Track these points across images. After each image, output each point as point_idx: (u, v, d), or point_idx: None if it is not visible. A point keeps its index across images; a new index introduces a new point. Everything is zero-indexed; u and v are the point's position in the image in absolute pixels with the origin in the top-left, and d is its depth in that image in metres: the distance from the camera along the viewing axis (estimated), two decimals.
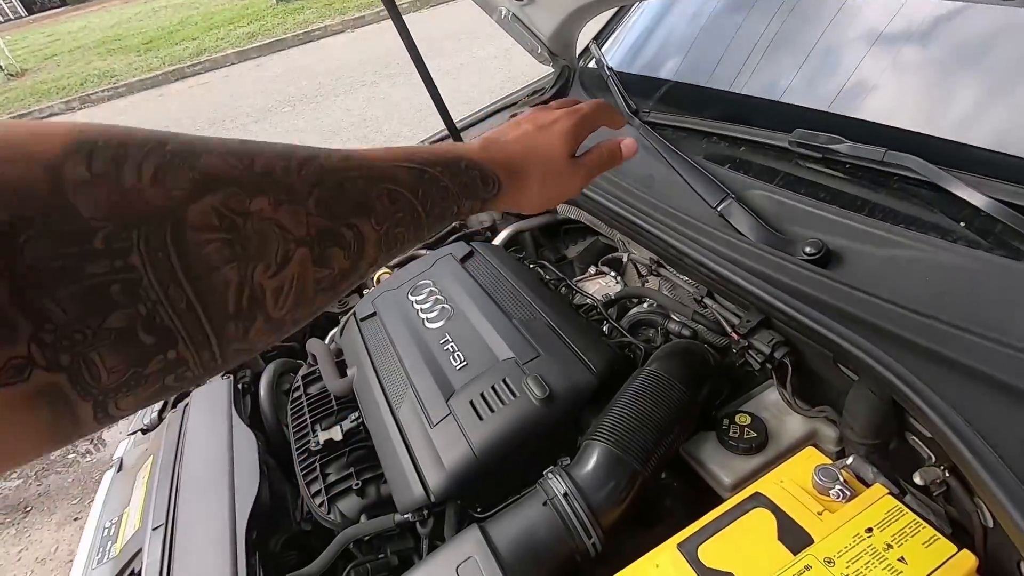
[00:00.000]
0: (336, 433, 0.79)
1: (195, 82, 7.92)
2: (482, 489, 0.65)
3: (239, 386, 0.98)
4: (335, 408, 0.86)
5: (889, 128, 0.69)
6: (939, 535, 0.48)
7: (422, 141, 1.42)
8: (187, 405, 0.95)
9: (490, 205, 0.46)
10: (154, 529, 0.75)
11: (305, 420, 0.85)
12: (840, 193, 0.70)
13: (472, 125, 1.39)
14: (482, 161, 0.44)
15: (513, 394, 0.67)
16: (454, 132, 1.13)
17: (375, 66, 6.10)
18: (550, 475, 0.59)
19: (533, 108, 0.53)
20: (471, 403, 0.68)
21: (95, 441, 2.16)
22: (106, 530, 0.84)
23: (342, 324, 1.05)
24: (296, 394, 0.92)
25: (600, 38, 1.38)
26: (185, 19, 11.60)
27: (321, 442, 0.79)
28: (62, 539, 1.81)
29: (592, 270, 1.04)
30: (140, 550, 0.74)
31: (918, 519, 0.49)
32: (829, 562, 0.48)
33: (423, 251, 1.15)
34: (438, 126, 1.42)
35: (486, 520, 0.58)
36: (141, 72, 8.55)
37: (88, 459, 2.10)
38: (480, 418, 0.66)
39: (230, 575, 0.65)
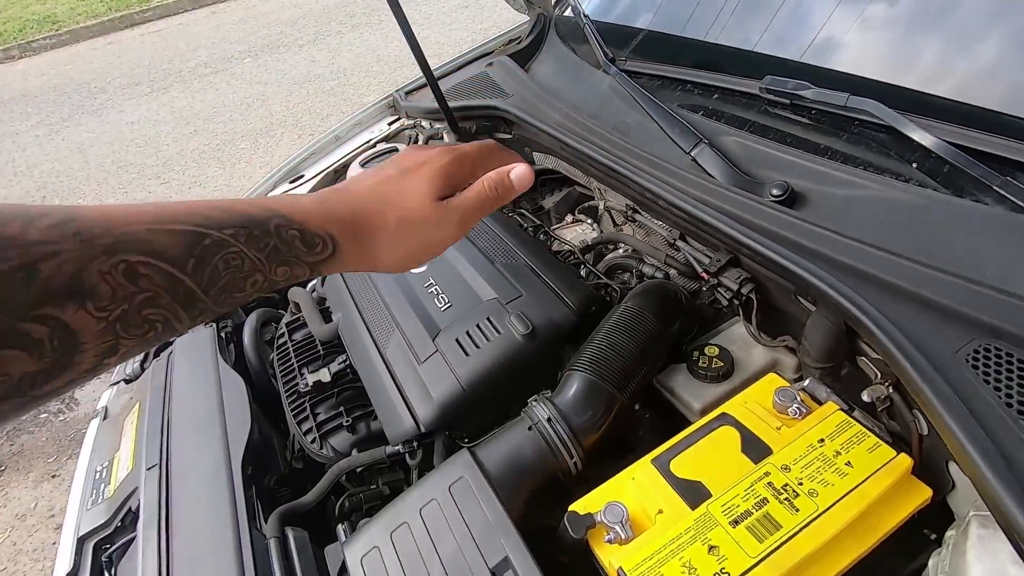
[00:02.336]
0: (324, 375, 0.82)
1: (146, 29, 7.45)
2: (468, 420, 0.69)
3: (222, 335, 0.99)
4: (321, 352, 0.89)
5: (853, 76, 0.72)
6: (881, 442, 0.54)
7: (398, 90, 1.40)
8: (171, 353, 0.95)
9: (324, 268, 0.39)
10: (148, 469, 0.77)
11: (292, 364, 0.87)
12: (805, 138, 0.73)
13: (449, 74, 1.38)
14: (308, 219, 0.37)
15: (497, 331, 0.71)
16: (429, 77, 1.12)
17: (340, 15, 5.83)
18: (534, 402, 0.63)
19: (406, 149, 0.46)
20: (457, 340, 0.71)
21: (67, 401, 2.14)
22: (97, 474, 0.85)
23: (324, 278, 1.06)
24: (281, 340, 0.93)
25: None
26: None
27: (310, 384, 0.81)
28: (41, 496, 1.81)
29: (569, 218, 1.07)
30: (136, 489, 0.76)
31: (863, 429, 0.55)
32: (786, 468, 0.54)
33: None
34: (407, 79, 1.40)
35: (475, 446, 0.62)
36: (85, 18, 7.99)
37: (61, 418, 2.08)
38: (466, 354, 0.70)
39: (228, 508, 0.68)
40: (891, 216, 0.61)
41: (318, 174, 1.32)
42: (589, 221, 1.03)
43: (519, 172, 0.46)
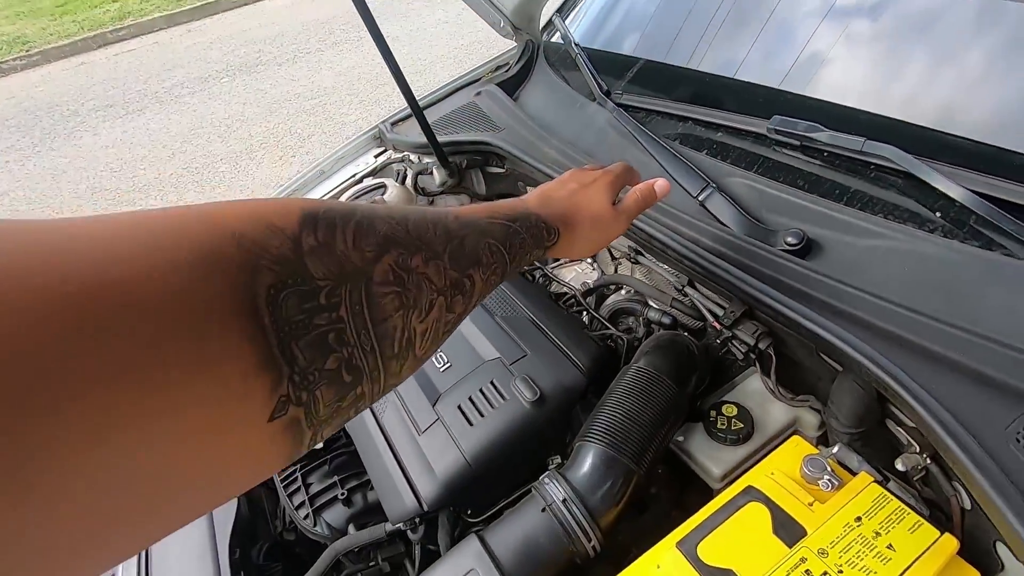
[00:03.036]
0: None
1: (120, 49, 7.33)
2: (474, 494, 0.64)
3: None
4: None
5: (868, 115, 0.70)
6: (923, 520, 0.50)
7: (383, 122, 1.35)
8: None
9: (550, 252, 0.53)
10: None
11: None
12: (819, 181, 0.70)
13: (436, 103, 1.33)
14: (544, 215, 0.51)
15: (503, 397, 0.66)
16: (417, 111, 1.08)
17: (318, 32, 5.78)
18: (547, 480, 0.59)
19: (572, 171, 0.61)
20: (459, 407, 0.67)
21: None
22: None
23: None
24: None
25: (564, 10, 1.34)
26: None
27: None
28: None
29: (566, 260, 1.03)
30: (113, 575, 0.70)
31: (903, 506, 0.52)
32: (823, 553, 0.50)
33: None
34: (389, 98, 1.36)
35: (483, 529, 0.58)
36: (57, 38, 7.84)
37: None
38: (470, 423, 0.65)
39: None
40: (916, 270, 0.58)
41: None
42: (587, 261, 0.99)
43: (660, 184, 0.63)
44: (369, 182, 1.24)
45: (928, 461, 0.54)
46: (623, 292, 0.89)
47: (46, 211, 3.63)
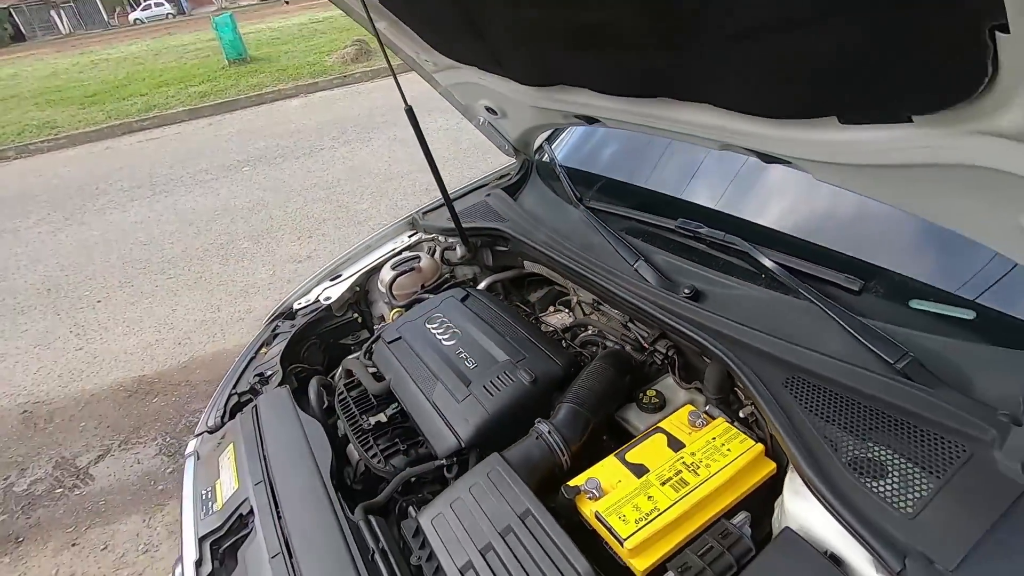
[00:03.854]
0: (383, 417, 1.14)
1: (144, 136, 8.01)
2: (492, 439, 1.02)
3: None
4: (374, 403, 1.21)
5: (730, 217, 1.17)
6: (748, 438, 0.91)
7: (416, 211, 1.82)
8: (255, 407, 1.26)
9: None
10: (256, 484, 1.06)
11: (353, 411, 1.20)
12: (703, 256, 1.16)
13: (457, 199, 1.81)
14: None
15: (511, 380, 1.07)
16: (449, 203, 1.53)
17: (331, 132, 6.50)
18: (538, 422, 0.98)
19: None
20: (484, 387, 1.07)
21: (82, 476, 2.30)
22: (204, 495, 1.13)
23: (365, 349, 1.40)
24: (342, 396, 1.26)
25: (551, 139, 1.87)
26: (131, 75, 11.67)
27: (372, 423, 1.13)
28: (61, 563, 1.94)
29: (551, 309, 1.47)
30: (246, 499, 1.05)
31: (737, 431, 0.92)
32: (692, 454, 0.89)
33: (426, 295, 1.53)
34: (396, 192, 1.76)
35: (500, 452, 0.96)
36: (84, 125, 8.54)
37: (76, 492, 2.23)
38: (491, 395, 1.05)
39: (326, 503, 0.98)
40: (751, 306, 1.03)
41: (354, 273, 1.70)
42: (566, 311, 1.43)
43: None
44: (407, 254, 1.69)
45: (752, 409, 0.95)
46: (590, 330, 1.32)
47: (79, 277, 3.99)
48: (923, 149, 0.64)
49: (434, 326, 1.28)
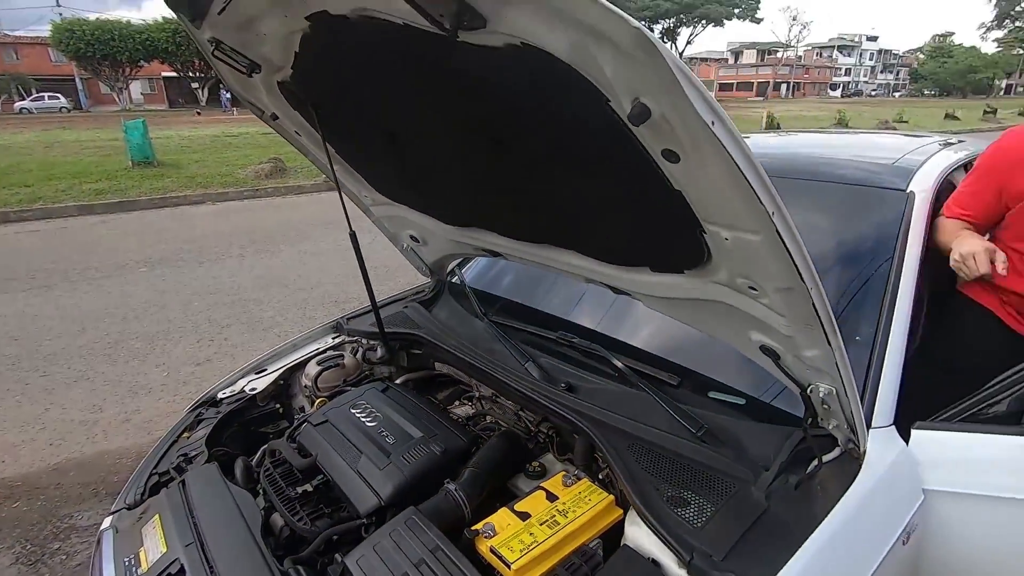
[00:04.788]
0: (308, 487, 1.32)
1: (23, 228, 7.55)
2: (408, 500, 1.25)
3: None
4: (300, 477, 1.39)
5: (595, 332, 1.58)
6: (604, 492, 1.22)
7: (342, 317, 2.08)
8: (182, 481, 1.38)
9: None
10: (186, 545, 1.18)
11: (280, 484, 1.36)
12: (576, 360, 1.54)
13: (361, 314, 2.10)
14: None
15: (425, 450, 1.32)
16: (375, 310, 1.82)
17: (241, 240, 6.59)
18: (447, 482, 1.23)
19: None
20: (402, 456, 1.31)
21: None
22: (127, 562, 1.21)
23: (288, 433, 1.57)
24: (268, 471, 1.41)
25: (462, 264, 2.27)
26: (15, 164, 11.07)
27: (299, 491, 1.31)
28: None
29: (457, 403, 1.75)
30: (176, 559, 1.15)
31: (597, 488, 1.23)
32: (564, 504, 1.19)
33: (348, 388, 1.75)
34: (307, 300, 1.98)
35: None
36: None
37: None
38: (408, 463, 1.29)
39: (258, 556, 1.13)
40: (608, 395, 1.40)
41: (279, 368, 1.88)
42: (469, 403, 1.72)
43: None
44: (331, 353, 1.92)
45: (608, 471, 1.28)
46: (488, 418, 1.61)
47: None
48: (692, 289, 1.08)
49: (357, 411, 1.52)
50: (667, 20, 53.50)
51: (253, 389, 1.79)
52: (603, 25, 0.56)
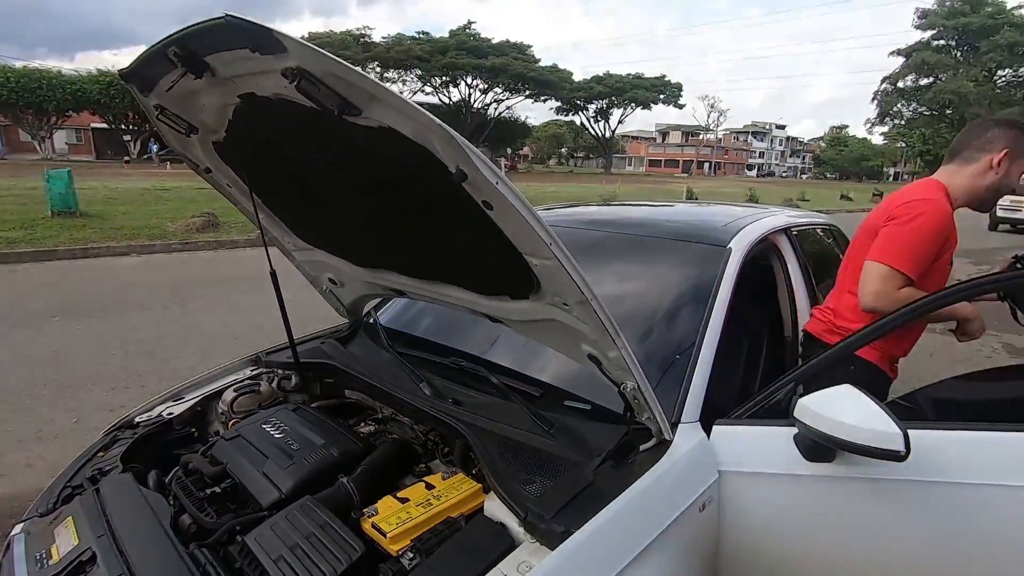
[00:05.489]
0: (217, 489, 1.49)
1: None
2: (306, 491, 1.44)
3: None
4: (210, 483, 1.55)
5: (479, 357, 1.87)
6: (473, 482, 1.47)
7: (261, 352, 2.26)
8: (96, 489, 1.51)
9: None
10: (99, 537, 1.32)
11: (190, 488, 1.52)
12: (464, 380, 1.82)
13: (280, 349, 2.30)
14: None
15: (325, 452, 1.53)
16: (292, 345, 2.04)
17: (165, 292, 6.52)
18: (341, 476, 1.45)
19: None
20: (303, 458, 1.51)
21: None
22: (38, 557, 1.33)
23: (203, 450, 1.73)
24: (180, 479, 1.57)
25: (377, 307, 2.53)
26: None
27: (208, 493, 1.48)
28: None
29: (362, 424, 1.96)
30: (88, 548, 1.29)
31: (469, 479, 1.48)
32: (440, 492, 1.42)
33: (258, 410, 1.93)
34: (232, 350, 2.11)
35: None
36: None
37: None
38: (307, 462, 1.49)
39: (167, 541, 1.29)
40: (486, 406, 1.67)
41: (196, 396, 2.04)
42: (373, 424, 1.94)
43: None
44: (248, 381, 2.09)
45: (480, 467, 1.54)
46: (388, 434, 1.84)
47: None
48: (536, 312, 1.40)
49: (268, 426, 1.71)
50: (600, 101, 57.91)
51: (170, 414, 1.93)
52: (425, 121, 0.90)
